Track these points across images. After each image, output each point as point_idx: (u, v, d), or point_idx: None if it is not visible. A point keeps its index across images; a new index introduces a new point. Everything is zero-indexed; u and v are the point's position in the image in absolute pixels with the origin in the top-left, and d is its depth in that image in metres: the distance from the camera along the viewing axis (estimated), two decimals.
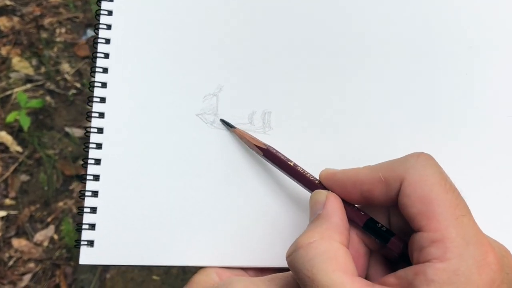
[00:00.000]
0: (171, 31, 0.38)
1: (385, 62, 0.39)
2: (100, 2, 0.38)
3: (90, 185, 0.36)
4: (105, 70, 0.37)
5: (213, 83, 0.38)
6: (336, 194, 0.30)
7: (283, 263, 0.35)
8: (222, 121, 0.37)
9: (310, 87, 0.38)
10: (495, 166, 0.37)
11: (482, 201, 0.37)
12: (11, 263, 1.09)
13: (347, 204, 0.30)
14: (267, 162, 0.35)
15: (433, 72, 0.39)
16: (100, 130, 0.36)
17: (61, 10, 1.44)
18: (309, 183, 0.32)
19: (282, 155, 0.34)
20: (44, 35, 1.38)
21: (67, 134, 1.24)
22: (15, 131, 1.24)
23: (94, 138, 0.36)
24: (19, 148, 1.22)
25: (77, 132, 1.24)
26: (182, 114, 0.37)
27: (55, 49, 1.37)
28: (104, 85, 0.37)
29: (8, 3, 1.42)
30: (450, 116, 0.38)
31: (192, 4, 0.39)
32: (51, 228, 1.14)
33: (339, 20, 0.39)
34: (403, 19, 0.40)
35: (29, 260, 1.10)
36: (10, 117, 1.21)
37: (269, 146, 0.35)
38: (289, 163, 0.33)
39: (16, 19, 1.41)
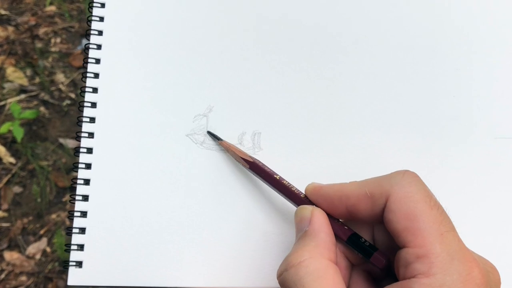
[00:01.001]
0: (162, 52, 0.39)
1: (372, 82, 0.39)
2: (92, 9, 0.39)
3: (79, 206, 0.36)
4: (95, 90, 0.38)
5: (203, 103, 0.38)
6: (322, 208, 0.30)
7: (273, 284, 0.35)
8: (209, 133, 0.37)
9: (300, 108, 0.39)
10: (481, 185, 0.38)
11: (468, 218, 0.37)
12: (2, 276, 1.09)
13: (332, 218, 0.30)
14: (254, 178, 0.36)
15: (419, 93, 0.39)
16: (89, 150, 0.37)
17: (57, 19, 1.44)
18: (294, 197, 0.32)
19: (269, 168, 0.35)
20: (39, 45, 1.39)
21: (61, 145, 1.24)
22: (8, 142, 1.24)
23: (83, 158, 0.37)
24: (12, 160, 1.22)
25: (71, 143, 1.25)
26: (172, 134, 0.37)
27: (50, 59, 1.37)
28: (94, 105, 0.37)
29: (3, 12, 1.42)
30: (437, 134, 0.39)
31: (183, 23, 0.40)
32: (44, 240, 1.13)
33: (328, 42, 0.40)
34: (390, 37, 0.40)
35: (21, 273, 1.10)
36: (3, 128, 1.21)
37: (256, 159, 0.35)
38: (275, 176, 0.34)
39: (10, 28, 1.41)
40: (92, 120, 0.37)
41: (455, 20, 0.41)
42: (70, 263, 0.35)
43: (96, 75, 0.38)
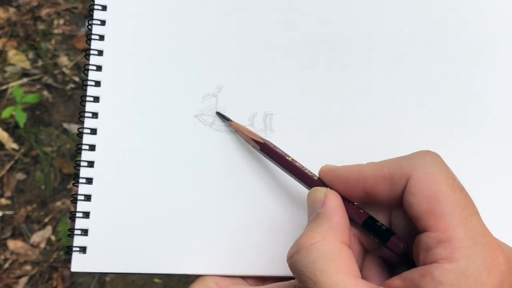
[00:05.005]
0: (168, 27, 0.39)
1: (389, 61, 0.39)
2: None
3: (83, 189, 0.36)
4: (98, 68, 0.37)
5: (212, 83, 0.38)
6: (337, 190, 0.30)
7: (284, 272, 0.35)
8: (218, 113, 0.37)
9: (313, 88, 0.38)
10: (502, 167, 0.37)
11: (489, 202, 0.36)
12: (6, 265, 1.11)
13: (346, 201, 0.30)
14: (265, 162, 0.35)
15: (438, 73, 0.39)
16: (93, 131, 0.36)
17: (59, 0, 1.44)
18: (307, 179, 0.32)
19: (280, 150, 0.34)
20: (41, 26, 1.39)
21: (65, 131, 1.25)
22: (11, 127, 1.25)
23: (87, 139, 0.36)
24: (15, 145, 1.23)
25: (76, 129, 1.25)
26: (179, 115, 0.37)
27: (53, 42, 1.38)
28: (98, 83, 0.37)
29: None
30: (455, 116, 0.38)
31: (191, 0, 0.39)
32: (48, 229, 1.15)
33: (343, 20, 0.39)
34: (408, 18, 0.40)
35: (25, 262, 1.11)
36: (6, 113, 1.22)
37: (267, 140, 0.35)
38: (287, 158, 0.33)
39: (12, 10, 1.41)
40: (96, 99, 0.37)
41: None
42: (74, 249, 0.35)
43: (100, 52, 0.38)
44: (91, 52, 0.38)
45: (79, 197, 0.36)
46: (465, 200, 0.26)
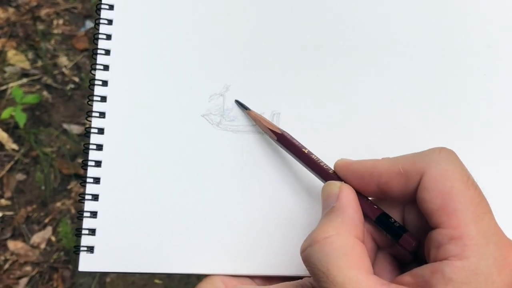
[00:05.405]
0: (176, 26, 0.39)
1: (396, 59, 0.39)
2: None
3: (90, 188, 0.36)
4: (106, 68, 0.37)
5: (219, 82, 0.38)
6: (351, 185, 0.30)
7: (292, 271, 0.35)
8: (237, 102, 0.37)
9: (321, 87, 0.38)
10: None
11: (501, 203, 0.36)
12: (6, 266, 1.11)
13: (361, 196, 0.30)
14: (273, 161, 0.35)
15: (448, 71, 0.39)
16: (100, 131, 0.37)
17: (59, 0, 1.44)
18: (322, 172, 0.32)
19: (297, 141, 0.34)
20: (40, 26, 1.39)
21: (65, 131, 1.25)
22: (11, 128, 1.25)
23: (94, 139, 0.37)
24: (14, 146, 1.23)
25: (76, 129, 1.25)
26: (186, 115, 0.37)
27: (53, 42, 1.38)
28: (105, 83, 0.37)
29: None
30: (464, 113, 0.38)
31: (197, 0, 0.39)
32: (49, 229, 1.15)
33: (349, 18, 0.39)
34: (416, 17, 0.40)
35: (25, 263, 1.11)
36: (5, 114, 1.22)
37: (284, 131, 0.35)
38: (304, 150, 0.34)
39: (11, 10, 1.41)
40: (103, 99, 0.37)
41: None
42: (81, 248, 0.35)
43: (107, 52, 0.38)
44: (98, 51, 0.38)
45: (87, 197, 0.36)
46: (478, 198, 0.26)
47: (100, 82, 0.37)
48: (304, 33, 0.39)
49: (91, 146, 0.36)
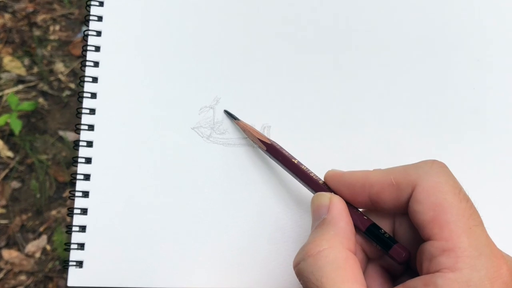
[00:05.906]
0: (165, 39, 0.39)
1: (387, 74, 0.39)
2: None
3: (79, 202, 0.36)
4: (94, 80, 0.37)
5: (209, 94, 0.38)
6: (341, 195, 0.30)
7: (284, 285, 0.35)
8: (226, 112, 0.37)
9: (313, 101, 0.38)
10: (499, 176, 0.37)
11: (490, 214, 0.36)
12: (1, 275, 1.10)
13: (350, 207, 0.30)
14: (263, 173, 0.35)
15: (437, 85, 0.39)
16: (89, 144, 0.36)
17: (55, 6, 1.45)
18: (312, 183, 0.32)
19: (286, 151, 0.34)
20: (37, 33, 1.39)
21: (60, 138, 1.25)
22: (6, 135, 1.25)
23: (83, 152, 0.36)
24: (9, 153, 1.23)
25: (72, 136, 1.25)
26: (176, 127, 0.37)
27: (49, 48, 1.38)
28: (93, 95, 0.37)
29: None
30: (456, 122, 0.38)
31: (188, 10, 0.39)
32: (44, 238, 1.14)
33: (340, 31, 0.39)
34: (403, 32, 0.40)
35: (20, 272, 1.11)
36: (1, 121, 1.22)
37: (273, 141, 0.35)
38: (293, 160, 0.34)
39: (7, 16, 1.41)
40: (92, 111, 0.37)
41: (475, 9, 0.40)
42: (70, 263, 0.35)
43: (96, 64, 0.38)
44: (87, 63, 0.37)
45: (75, 211, 0.36)
46: (470, 210, 0.26)
47: (89, 95, 0.37)
48: (294, 47, 0.39)
49: (79, 160, 0.36)
